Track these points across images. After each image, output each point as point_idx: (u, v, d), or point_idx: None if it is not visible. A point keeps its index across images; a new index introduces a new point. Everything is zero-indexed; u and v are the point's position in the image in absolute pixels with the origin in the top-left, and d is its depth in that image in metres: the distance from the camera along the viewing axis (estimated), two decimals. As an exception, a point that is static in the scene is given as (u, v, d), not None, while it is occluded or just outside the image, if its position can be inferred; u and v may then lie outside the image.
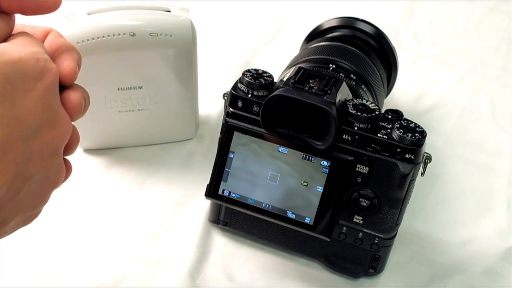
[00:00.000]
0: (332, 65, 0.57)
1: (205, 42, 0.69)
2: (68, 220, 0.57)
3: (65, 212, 0.57)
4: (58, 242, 0.55)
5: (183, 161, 0.64)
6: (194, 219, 0.58)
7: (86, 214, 0.58)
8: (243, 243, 0.56)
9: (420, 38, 0.88)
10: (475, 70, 0.82)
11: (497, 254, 0.57)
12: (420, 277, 0.54)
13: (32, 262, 0.53)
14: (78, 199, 0.59)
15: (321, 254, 0.54)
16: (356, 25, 0.66)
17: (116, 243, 0.55)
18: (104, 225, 0.57)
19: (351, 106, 0.48)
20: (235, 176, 0.50)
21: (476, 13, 0.94)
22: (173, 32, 0.57)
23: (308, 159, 0.49)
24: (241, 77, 0.50)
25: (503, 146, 0.70)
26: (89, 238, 0.55)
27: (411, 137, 0.46)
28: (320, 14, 0.75)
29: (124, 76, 0.58)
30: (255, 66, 0.53)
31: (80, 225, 0.56)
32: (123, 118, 0.61)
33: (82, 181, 0.61)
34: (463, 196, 0.63)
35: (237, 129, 0.50)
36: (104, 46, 0.55)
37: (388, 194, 0.48)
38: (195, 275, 0.53)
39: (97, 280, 0.52)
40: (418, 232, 0.58)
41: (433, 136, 0.68)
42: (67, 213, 0.57)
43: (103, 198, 0.59)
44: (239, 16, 0.89)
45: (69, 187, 0.60)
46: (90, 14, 0.56)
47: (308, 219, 0.49)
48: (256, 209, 0.50)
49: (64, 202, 0.58)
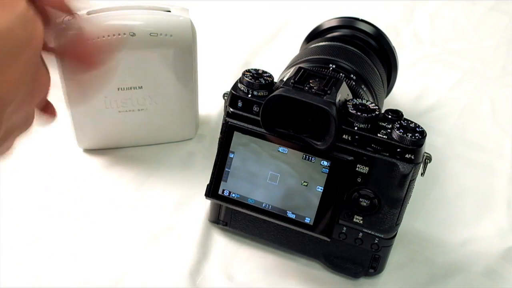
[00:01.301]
0: (332, 65, 0.57)
1: (205, 42, 0.69)
2: (68, 220, 0.57)
3: (65, 212, 0.57)
4: (58, 242, 0.55)
5: (183, 161, 0.64)
6: (194, 219, 0.58)
7: (86, 214, 0.58)
8: (243, 243, 0.56)
9: (420, 38, 0.88)
10: (475, 70, 0.82)
11: (497, 254, 0.57)
12: (420, 277, 0.54)
13: (32, 262, 0.53)
14: (78, 199, 0.59)
15: (321, 254, 0.54)
16: (356, 25, 0.66)
17: (116, 243, 0.55)
18: (104, 225, 0.57)
19: (351, 106, 0.48)
20: (235, 176, 0.50)
21: (476, 13, 0.94)
22: (173, 32, 0.57)
23: (308, 159, 0.49)
24: (241, 77, 0.50)
25: (503, 146, 0.70)
26: (89, 238, 0.55)
27: (411, 137, 0.46)
28: (320, 14, 0.75)
29: (124, 76, 0.58)
30: (255, 66, 0.53)
31: (80, 225, 0.56)
32: (123, 118, 0.61)
33: (82, 181, 0.61)
34: (463, 196, 0.63)
35: (237, 129, 0.50)
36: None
37: (388, 194, 0.48)
38: (195, 275, 0.53)
39: (97, 280, 0.52)
40: (418, 232, 0.58)
41: (433, 136, 0.68)
42: (67, 213, 0.57)
43: (103, 198, 0.59)
44: (239, 16, 0.89)
45: (69, 187, 0.60)
46: (90, 14, 0.56)
47: (308, 219, 0.49)
48: (256, 209, 0.50)
49: (64, 202, 0.58)
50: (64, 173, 0.61)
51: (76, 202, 0.59)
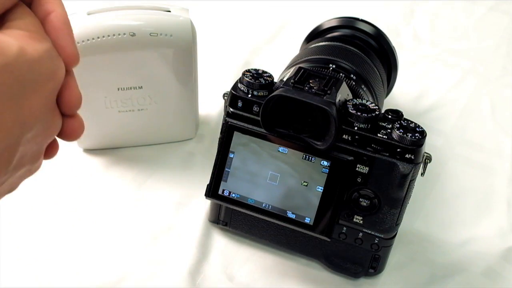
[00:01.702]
0: (332, 65, 0.57)
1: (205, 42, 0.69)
2: (68, 220, 0.57)
3: (65, 212, 0.57)
4: (58, 242, 0.55)
5: (183, 161, 0.64)
6: (194, 219, 0.58)
7: (86, 214, 0.58)
8: (243, 243, 0.56)
9: (420, 38, 0.88)
10: (475, 70, 0.82)
11: (497, 254, 0.57)
12: (420, 277, 0.54)
13: (32, 262, 0.53)
14: (78, 199, 0.59)
15: (321, 254, 0.54)
16: (356, 25, 0.66)
17: (116, 243, 0.55)
18: (104, 225, 0.57)
19: (351, 106, 0.48)
20: (235, 176, 0.50)
21: (476, 13, 0.94)
22: (173, 32, 0.57)
23: (308, 159, 0.49)
24: (241, 77, 0.50)
25: (503, 146, 0.70)
26: (89, 238, 0.55)
27: (411, 137, 0.46)
28: (320, 14, 0.75)
29: (124, 76, 0.58)
30: (255, 66, 0.53)
31: (80, 225, 0.56)
32: (123, 118, 0.61)
33: (82, 181, 0.61)
34: (463, 196, 0.63)
35: (237, 129, 0.50)
36: (104, 46, 0.55)
37: (388, 194, 0.48)
38: (195, 275, 0.53)
39: (97, 280, 0.52)
40: (418, 232, 0.58)
41: (433, 136, 0.68)
42: (67, 213, 0.57)
43: (103, 198, 0.59)
44: (239, 16, 0.89)
45: (69, 187, 0.60)
46: (90, 14, 0.56)
47: (308, 219, 0.49)
48: (256, 209, 0.50)
49: (64, 202, 0.58)
50: (64, 173, 0.61)
51: (76, 202, 0.59)
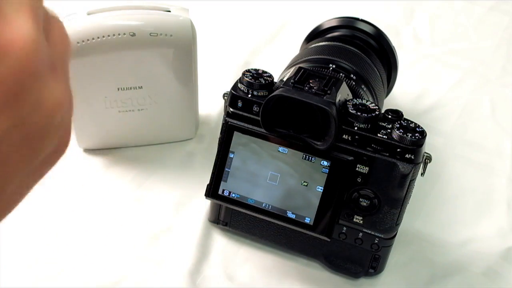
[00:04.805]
0: (332, 65, 0.57)
1: (205, 42, 0.69)
2: (68, 220, 0.57)
3: (65, 212, 0.57)
4: (57, 242, 0.55)
5: (183, 161, 0.64)
6: (194, 219, 0.58)
7: (86, 214, 0.58)
8: (243, 243, 0.56)
9: (420, 38, 0.88)
10: (475, 70, 0.82)
11: (497, 254, 0.57)
12: (420, 277, 0.54)
13: (32, 262, 0.53)
14: (77, 199, 0.59)
15: (321, 254, 0.54)
16: (356, 25, 0.66)
17: (116, 243, 0.55)
18: (104, 225, 0.57)
19: (351, 106, 0.48)
20: (235, 176, 0.50)
21: (476, 13, 0.94)
22: (173, 32, 0.57)
23: (308, 159, 0.49)
24: (241, 77, 0.50)
25: (503, 146, 0.70)
26: (89, 238, 0.55)
27: (411, 137, 0.46)
28: (320, 14, 0.75)
29: (124, 76, 0.58)
30: (255, 66, 0.53)
31: (80, 225, 0.56)
32: (123, 118, 0.61)
33: (81, 181, 0.61)
34: (463, 196, 0.63)
35: (237, 129, 0.50)
36: (104, 46, 0.55)
37: (388, 194, 0.48)
38: (195, 275, 0.53)
39: (97, 280, 0.52)
40: (418, 232, 0.58)
41: (433, 136, 0.68)
42: (66, 213, 0.57)
43: (103, 198, 0.59)
44: (239, 16, 0.89)
45: (69, 187, 0.60)
46: (90, 14, 0.56)
47: (308, 219, 0.49)
48: (256, 209, 0.50)
49: (64, 202, 0.58)
50: (64, 173, 0.61)
51: (76, 202, 0.59)
